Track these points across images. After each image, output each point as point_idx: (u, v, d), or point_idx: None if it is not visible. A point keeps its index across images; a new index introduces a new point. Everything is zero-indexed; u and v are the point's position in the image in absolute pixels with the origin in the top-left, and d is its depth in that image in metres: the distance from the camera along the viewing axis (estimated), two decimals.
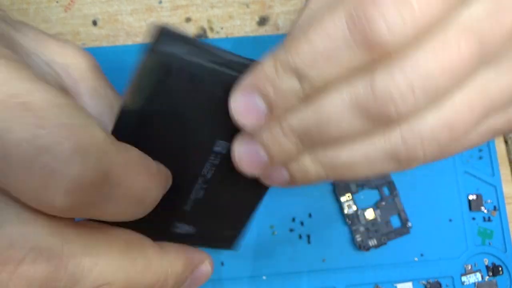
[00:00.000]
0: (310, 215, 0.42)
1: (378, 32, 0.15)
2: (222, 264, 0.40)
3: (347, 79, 0.17)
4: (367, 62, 0.16)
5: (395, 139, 0.17)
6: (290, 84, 0.17)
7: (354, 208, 0.42)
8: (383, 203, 0.42)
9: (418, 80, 0.16)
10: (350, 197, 0.42)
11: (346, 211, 0.42)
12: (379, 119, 0.17)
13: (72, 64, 0.22)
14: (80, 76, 0.23)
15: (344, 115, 0.17)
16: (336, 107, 0.17)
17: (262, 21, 0.45)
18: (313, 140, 0.18)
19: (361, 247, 0.41)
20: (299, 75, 0.17)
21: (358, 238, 0.41)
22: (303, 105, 0.18)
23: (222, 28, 0.45)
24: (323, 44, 0.16)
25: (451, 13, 0.16)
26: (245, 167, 0.20)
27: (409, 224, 0.41)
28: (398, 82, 0.16)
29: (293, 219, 0.42)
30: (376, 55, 0.16)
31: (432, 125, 0.17)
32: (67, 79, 0.22)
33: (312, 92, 0.17)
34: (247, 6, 0.45)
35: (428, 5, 0.15)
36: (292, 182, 0.21)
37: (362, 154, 0.18)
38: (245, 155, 0.20)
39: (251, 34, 0.45)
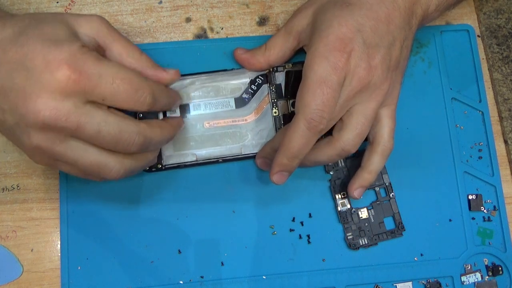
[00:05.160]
0: (310, 215, 0.42)
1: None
2: (222, 264, 0.41)
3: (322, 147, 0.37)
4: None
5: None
6: (296, 162, 0.37)
7: (348, 206, 0.42)
8: (378, 204, 0.42)
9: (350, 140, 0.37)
10: (345, 195, 0.42)
11: (339, 208, 0.42)
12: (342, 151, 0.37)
13: (96, 32, 0.35)
14: (103, 36, 0.35)
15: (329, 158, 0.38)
16: (326, 155, 0.38)
17: (262, 21, 0.45)
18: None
19: (351, 245, 0.41)
20: (296, 157, 0.36)
21: (349, 236, 0.41)
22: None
23: (222, 28, 0.45)
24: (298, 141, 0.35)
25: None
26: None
27: (403, 227, 0.42)
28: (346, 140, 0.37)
29: (293, 219, 0.42)
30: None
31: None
32: (98, 39, 0.35)
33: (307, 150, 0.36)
34: (247, 6, 0.45)
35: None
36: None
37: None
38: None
39: (251, 34, 0.45)
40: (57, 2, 0.44)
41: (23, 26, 0.32)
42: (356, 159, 0.42)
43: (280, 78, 0.42)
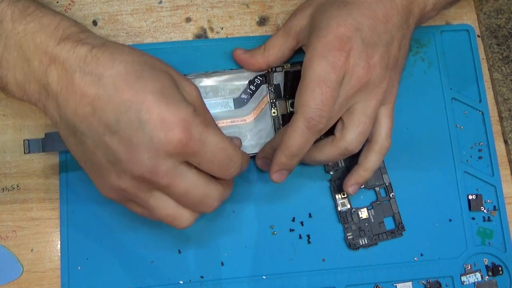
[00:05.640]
0: (310, 215, 0.42)
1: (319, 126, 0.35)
2: (222, 264, 0.41)
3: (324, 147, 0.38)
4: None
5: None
6: (296, 161, 0.37)
7: (348, 206, 0.42)
8: (378, 204, 0.42)
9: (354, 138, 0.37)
10: (345, 195, 0.42)
11: (339, 208, 0.42)
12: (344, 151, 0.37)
13: (194, 100, 0.34)
14: (198, 106, 0.35)
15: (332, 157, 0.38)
16: (329, 155, 0.38)
17: (262, 21, 0.45)
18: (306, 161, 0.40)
19: (351, 245, 0.41)
20: (295, 156, 0.36)
21: (349, 236, 0.41)
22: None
23: (222, 28, 0.45)
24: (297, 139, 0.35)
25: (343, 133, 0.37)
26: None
27: (403, 227, 0.42)
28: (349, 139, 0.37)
29: (293, 219, 0.42)
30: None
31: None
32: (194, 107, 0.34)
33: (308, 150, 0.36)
34: (247, 6, 0.45)
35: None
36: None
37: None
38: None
39: (251, 34, 0.45)
40: (57, 2, 0.44)
41: (136, 67, 0.31)
42: (356, 159, 0.42)
43: (278, 78, 0.42)
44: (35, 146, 0.38)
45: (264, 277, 0.41)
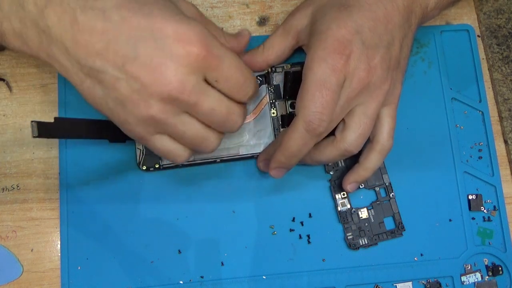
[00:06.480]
0: (310, 215, 0.42)
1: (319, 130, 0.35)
2: (222, 264, 0.41)
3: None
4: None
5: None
6: (295, 161, 0.37)
7: (348, 206, 0.42)
8: (378, 204, 0.42)
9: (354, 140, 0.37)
10: (345, 195, 0.42)
11: (339, 208, 0.42)
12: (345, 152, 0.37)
13: (196, 17, 0.37)
14: (200, 20, 0.36)
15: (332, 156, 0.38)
16: (329, 155, 0.38)
17: (262, 21, 0.45)
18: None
19: (351, 245, 0.41)
20: (294, 157, 0.37)
21: (349, 236, 0.41)
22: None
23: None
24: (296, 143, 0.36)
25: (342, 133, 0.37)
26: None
27: (403, 227, 0.42)
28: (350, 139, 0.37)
29: (293, 219, 0.42)
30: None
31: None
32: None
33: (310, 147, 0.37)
34: (247, 6, 0.45)
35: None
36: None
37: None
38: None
39: (251, 34, 0.45)
40: None
41: None
42: (356, 159, 0.42)
43: (278, 78, 0.42)
44: (44, 130, 0.33)
45: (264, 277, 0.41)
